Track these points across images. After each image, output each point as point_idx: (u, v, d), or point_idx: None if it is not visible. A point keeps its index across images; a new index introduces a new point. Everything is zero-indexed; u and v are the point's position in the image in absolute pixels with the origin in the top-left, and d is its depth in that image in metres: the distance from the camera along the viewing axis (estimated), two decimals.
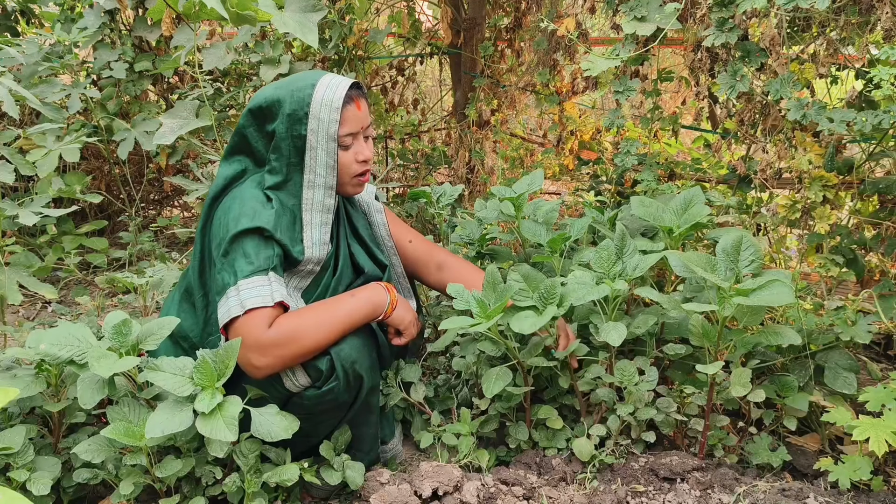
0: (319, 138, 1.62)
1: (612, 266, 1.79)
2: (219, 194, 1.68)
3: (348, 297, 1.65)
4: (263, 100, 1.64)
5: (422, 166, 3.77)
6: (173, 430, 1.38)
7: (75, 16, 3.04)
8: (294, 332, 1.52)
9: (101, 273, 3.01)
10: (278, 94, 1.64)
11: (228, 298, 1.51)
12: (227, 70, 3.08)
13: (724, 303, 1.58)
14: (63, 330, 1.53)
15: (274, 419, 1.48)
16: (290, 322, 1.53)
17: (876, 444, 1.46)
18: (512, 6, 3.44)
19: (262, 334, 1.49)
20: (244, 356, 1.49)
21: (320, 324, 1.56)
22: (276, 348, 1.49)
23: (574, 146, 3.06)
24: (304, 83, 1.64)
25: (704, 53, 2.22)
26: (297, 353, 1.53)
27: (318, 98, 1.61)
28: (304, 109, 1.61)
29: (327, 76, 1.66)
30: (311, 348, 1.55)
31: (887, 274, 2.31)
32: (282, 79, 1.73)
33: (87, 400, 1.45)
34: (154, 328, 1.55)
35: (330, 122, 1.62)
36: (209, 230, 1.66)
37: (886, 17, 1.89)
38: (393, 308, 1.69)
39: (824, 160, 2.10)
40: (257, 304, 1.50)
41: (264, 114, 1.65)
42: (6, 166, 2.25)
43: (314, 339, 1.54)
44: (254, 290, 1.51)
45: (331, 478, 1.61)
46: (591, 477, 1.69)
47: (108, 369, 1.42)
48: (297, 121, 1.62)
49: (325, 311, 1.59)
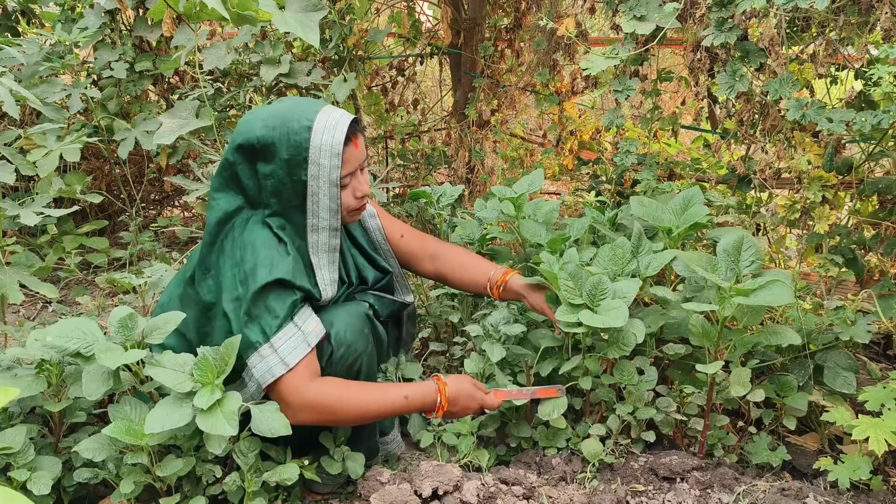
0: (321, 184, 1.56)
1: (627, 264, 1.80)
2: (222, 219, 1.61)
3: (402, 398, 1.60)
4: (256, 139, 1.55)
5: (422, 166, 3.77)
6: (173, 425, 1.39)
7: (76, 16, 3.04)
8: (335, 403, 1.53)
9: (101, 273, 3.02)
10: (272, 137, 1.54)
11: (265, 358, 1.49)
12: (227, 70, 3.07)
13: (725, 303, 1.59)
14: (69, 323, 1.54)
15: (274, 416, 1.48)
16: (335, 390, 1.54)
17: (875, 444, 1.47)
18: (512, 6, 3.44)
19: (302, 391, 1.50)
20: (282, 408, 1.51)
21: (363, 406, 1.56)
22: (310, 411, 1.52)
23: (574, 146, 3.06)
24: (300, 125, 1.54)
25: (704, 53, 2.22)
26: (328, 421, 1.57)
27: (316, 142, 1.54)
28: (303, 154, 1.54)
29: (323, 112, 1.57)
30: (342, 422, 1.59)
31: (887, 274, 2.31)
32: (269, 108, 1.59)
33: (93, 391, 1.46)
34: (160, 322, 1.56)
35: (331, 168, 1.55)
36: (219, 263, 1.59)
37: (886, 17, 1.89)
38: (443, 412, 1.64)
39: (823, 160, 2.10)
40: (299, 357, 1.50)
41: (255, 153, 1.56)
42: (7, 166, 2.26)
43: (348, 415, 1.55)
44: (288, 342, 1.51)
45: (331, 468, 1.62)
46: (591, 476, 1.70)
47: (115, 361, 1.43)
48: (296, 166, 1.54)
49: (373, 397, 1.58)
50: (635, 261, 1.82)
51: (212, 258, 1.60)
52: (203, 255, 1.62)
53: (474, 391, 1.68)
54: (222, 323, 1.56)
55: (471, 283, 1.93)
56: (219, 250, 1.59)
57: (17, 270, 2.26)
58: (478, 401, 1.69)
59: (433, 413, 1.65)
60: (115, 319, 1.55)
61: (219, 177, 1.62)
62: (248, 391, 1.57)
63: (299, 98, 1.67)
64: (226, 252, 1.58)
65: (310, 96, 3.05)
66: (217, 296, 1.58)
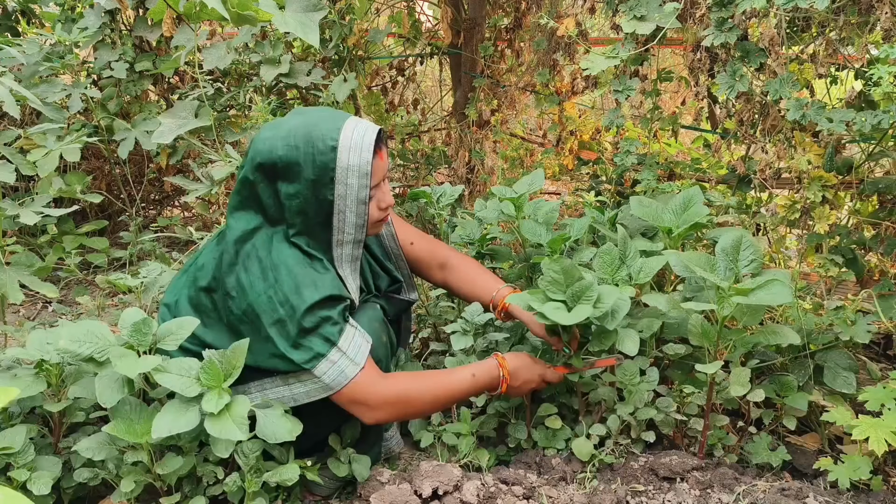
0: (348, 203, 1.53)
1: (617, 271, 1.79)
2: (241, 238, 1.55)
3: (469, 375, 1.64)
4: (278, 159, 1.50)
5: (422, 166, 3.77)
6: (180, 429, 1.39)
7: (76, 16, 3.03)
8: (408, 394, 1.58)
9: (101, 273, 3.02)
10: (295, 157, 1.49)
11: (336, 362, 1.50)
12: (227, 70, 3.07)
13: (724, 302, 1.59)
14: (81, 326, 1.51)
15: (279, 420, 1.48)
16: (407, 383, 1.60)
17: (875, 444, 1.47)
18: (512, 6, 3.44)
19: (376, 389, 1.54)
20: (358, 410, 1.55)
21: (434, 391, 1.61)
22: (389, 406, 1.56)
23: (574, 146, 3.06)
24: (324, 144, 1.49)
25: (704, 53, 2.22)
26: (405, 413, 1.63)
27: (343, 162, 1.50)
28: (329, 175, 1.50)
29: (347, 128, 1.51)
30: (419, 412, 1.64)
31: (887, 274, 2.31)
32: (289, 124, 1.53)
33: (108, 399, 1.44)
34: (173, 328, 1.54)
35: (360, 187, 1.52)
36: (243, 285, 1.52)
37: (886, 17, 1.89)
38: (507, 385, 1.67)
39: (823, 160, 2.10)
40: (365, 355, 1.53)
41: (277, 173, 1.51)
42: (7, 166, 2.26)
43: (423, 404, 1.62)
44: (353, 343, 1.52)
45: (338, 470, 1.62)
46: (591, 476, 1.70)
47: (134, 369, 1.41)
48: (322, 186, 1.51)
49: (442, 382, 1.63)
50: (625, 267, 1.80)
51: (232, 279, 1.53)
52: (223, 273, 1.55)
53: (533, 364, 1.72)
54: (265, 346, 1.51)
55: (476, 298, 1.90)
56: (242, 271, 1.52)
57: (17, 270, 2.26)
58: (538, 373, 1.71)
59: (497, 389, 1.67)
60: (128, 323, 1.52)
61: (237, 196, 1.57)
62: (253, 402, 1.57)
63: (319, 111, 1.60)
64: (252, 273, 1.51)
65: (310, 96, 3.05)
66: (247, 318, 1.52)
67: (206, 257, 1.64)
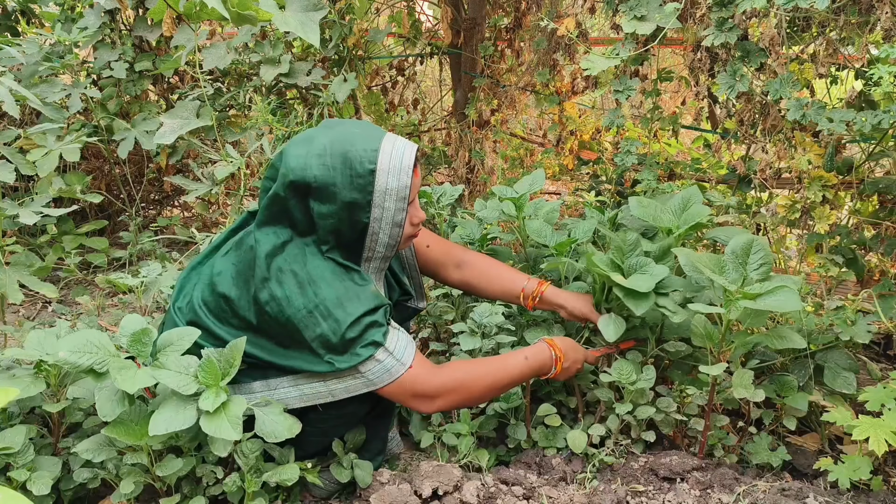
0: (383, 225, 1.51)
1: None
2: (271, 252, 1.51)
3: (522, 359, 1.66)
4: (313, 178, 1.46)
5: (422, 166, 3.77)
6: (177, 427, 1.38)
7: (75, 16, 3.04)
8: (464, 381, 1.58)
9: (101, 273, 3.02)
10: (332, 178, 1.46)
11: (381, 361, 1.49)
12: (227, 70, 3.08)
13: (731, 305, 1.57)
14: (80, 336, 1.49)
15: (278, 419, 1.48)
16: (461, 372, 1.60)
17: (875, 444, 1.47)
18: (512, 6, 3.44)
19: (433, 380, 1.55)
20: (417, 403, 1.56)
21: (490, 376, 1.61)
22: (447, 394, 1.56)
23: (574, 146, 3.06)
24: (363, 167, 1.46)
25: (704, 53, 2.22)
26: (464, 400, 1.60)
27: (381, 186, 1.47)
28: (367, 198, 1.47)
29: (385, 149, 1.48)
30: (477, 398, 1.62)
31: (887, 274, 2.31)
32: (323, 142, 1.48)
33: (108, 413, 1.43)
34: (174, 338, 1.52)
35: (396, 210, 1.50)
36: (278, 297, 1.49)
37: (886, 17, 1.89)
38: (561, 365, 1.70)
39: (824, 160, 2.10)
40: (412, 353, 1.53)
41: (310, 192, 1.48)
42: (6, 166, 2.26)
43: (481, 389, 1.61)
44: (398, 343, 1.52)
45: (341, 475, 1.62)
46: (591, 476, 1.69)
47: (133, 384, 1.40)
48: (359, 209, 1.48)
49: (496, 366, 1.63)
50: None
51: (265, 293, 1.49)
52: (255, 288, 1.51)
53: (577, 346, 1.77)
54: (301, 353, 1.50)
55: (500, 293, 1.91)
56: (276, 285, 1.48)
57: (17, 270, 2.26)
58: (582, 354, 1.77)
59: (550, 371, 1.69)
60: (128, 332, 1.51)
61: (266, 211, 1.53)
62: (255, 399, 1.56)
63: (352, 125, 1.55)
64: (288, 287, 1.48)
65: (310, 96, 3.05)
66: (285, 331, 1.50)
67: (225, 264, 1.60)
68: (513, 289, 1.89)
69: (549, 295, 1.87)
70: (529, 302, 1.88)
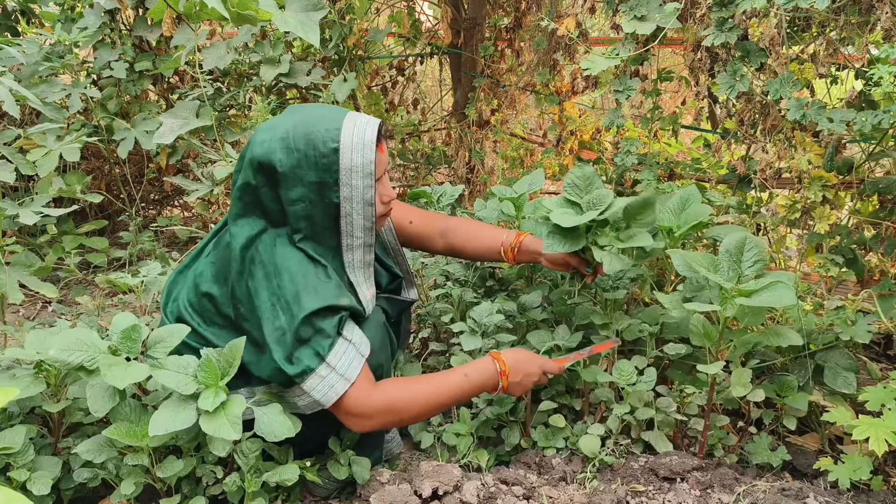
0: (355, 205, 1.50)
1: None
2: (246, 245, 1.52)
3: (461, 376, 1.60)
4: (278, 162, 1.46)
5: (422, 166, 3.77)
6: (177, 427, 1.38)
7: (75, 16, 3.04)
8: (397, 404, 1.54)
9: (101, 273, 3.02)
10: (296, 160, 1.46)
11: (325, 378, 1.47)
12: (227, 70, 3.07)
13: (727, 303, 1.58)
14: (70, 335, 1.50)
15: (277, 418, 1.48)
16: (397, 391, 1.55)
17: (876, 444, 1.46)
18: (512, 6, 3.44)
19: (368, 401, 1.50)
20: (350, 421, 1.52)
21: (426, 396, 1.56)
22: (380, 416, 1.52)
23: (574, 146, 3.06)
24: (325, 146, 1.46)
25: (704, 53, 2.22)
26: (399, 420, 1.57)
27: (346, 163, 1.47)
28: (333, 177, 1.47)
29: (347, 127, 1.48)
30: (413, 418, 1.59)
31: (887, 274, 2.31)
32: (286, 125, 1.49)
33: (99, 409, 1.44)
34: (164, 335, 1.52)
35: (365, 187, 1.49)
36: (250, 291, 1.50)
37: (886, 17, 1.89)
38: (507, 380, 1.63)
39: (824, 160, 2.10)
40: (357, 370, 1.49)
41: (277, 177, 1.48)
42: (6, 166, 2.26)
43: (417, 409, 1.56)
44: (344, 357, 1.48)
45: (338, 473, 1.61)
46: (591, 476, 1.69)
47: (122, 380, 1.40)
48: (327, 188, 1.48)
49: (434, 387, 1.58)
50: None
51: (242, 288, 1.51)
52: (233, 284, 1.53)
53: (532, 356, 1.68)
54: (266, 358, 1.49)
55: (485, 251, 1.92)
56: (249, 278, 1.50)
57: (17, 270, 2.26)
58: (538, 365, 1.68)
59: (498, 387, 1.63)
60: (118, 329, 1.52)
61: (239, 202, 1.53)
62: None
63: (314, 108, 1.56)
64: (257, 279, 1.49)
65: (310, 96, 3.05)
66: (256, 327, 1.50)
67: (206, 263, 1.62)
68: (493, 245, 1.90)
69: (528, 243, 1.86)
70: (510, 254, 1.88)
